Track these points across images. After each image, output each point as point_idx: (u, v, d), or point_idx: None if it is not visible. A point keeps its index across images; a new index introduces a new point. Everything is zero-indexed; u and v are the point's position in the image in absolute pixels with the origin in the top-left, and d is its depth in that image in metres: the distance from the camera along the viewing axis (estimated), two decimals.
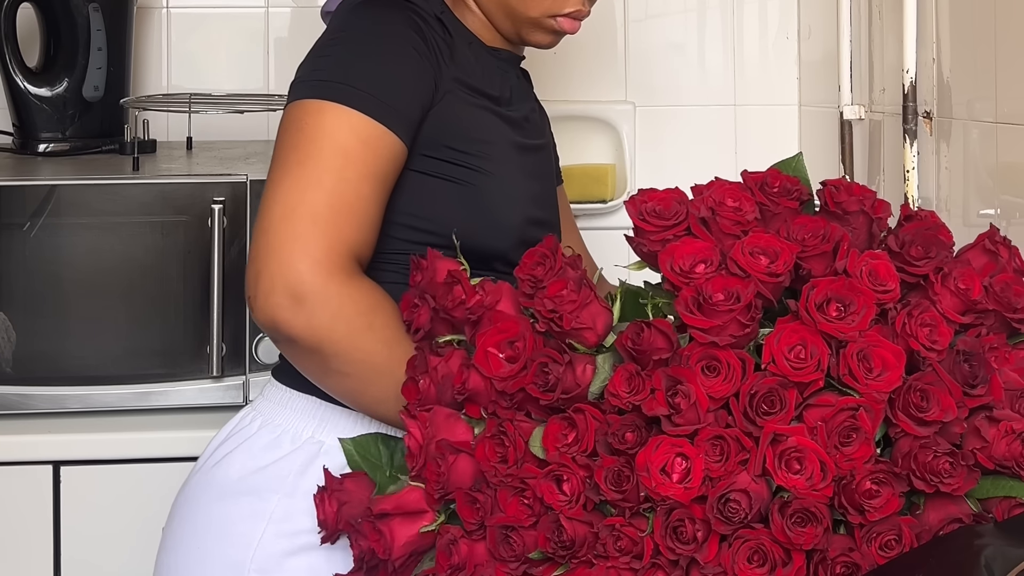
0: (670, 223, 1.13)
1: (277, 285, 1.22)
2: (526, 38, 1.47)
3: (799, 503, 1.00)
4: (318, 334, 1.22)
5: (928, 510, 1.04)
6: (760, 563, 1.01)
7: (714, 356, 1.05)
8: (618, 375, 1.07)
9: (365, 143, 1.27)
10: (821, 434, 1.03)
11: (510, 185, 1.39)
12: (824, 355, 1.04)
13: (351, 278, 1.24)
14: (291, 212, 1.23)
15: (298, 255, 1.22)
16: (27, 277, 1.84)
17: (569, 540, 1.05)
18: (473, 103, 1.38)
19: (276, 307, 1.22)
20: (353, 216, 1.25)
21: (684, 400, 1.04)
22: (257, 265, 1.23)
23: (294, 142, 1.27)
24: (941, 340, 1.07)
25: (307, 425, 1.34)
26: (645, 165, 2.36)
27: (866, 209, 1.14)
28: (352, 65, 1.31)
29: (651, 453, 1.03)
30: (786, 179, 1.16)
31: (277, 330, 1.24)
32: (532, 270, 1.16)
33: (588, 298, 1.13)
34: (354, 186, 1.26)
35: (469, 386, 1.15)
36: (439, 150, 1.34)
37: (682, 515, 1.02)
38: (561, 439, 1.09)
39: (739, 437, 1.03)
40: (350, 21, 1.36)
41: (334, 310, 1.22)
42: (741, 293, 1.06)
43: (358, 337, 1.23)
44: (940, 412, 1.04)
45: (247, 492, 1.32)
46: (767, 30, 2.43)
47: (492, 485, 1.11)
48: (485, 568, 1.10)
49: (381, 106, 1.29)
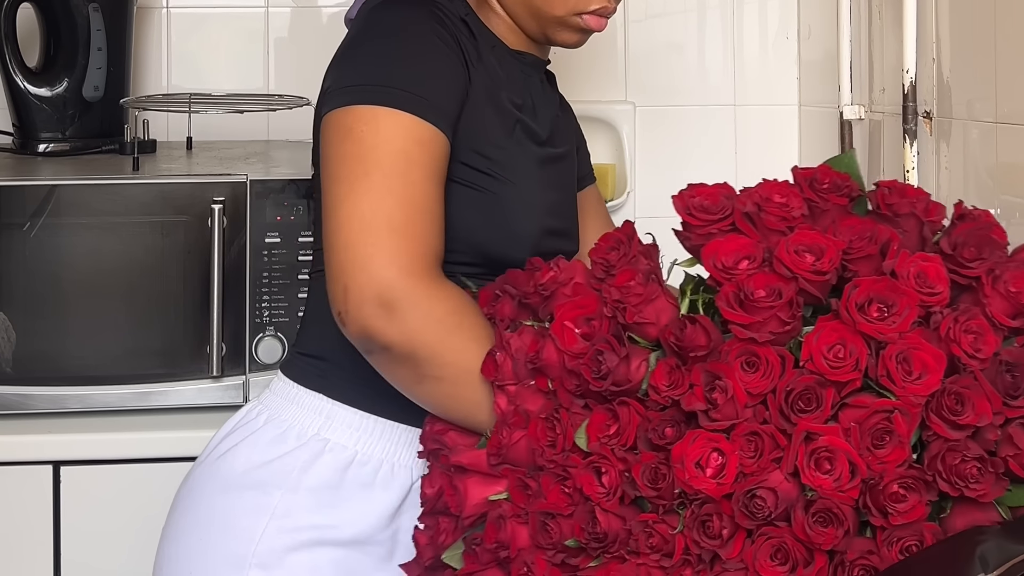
0: (715, 218, 1.12)
1: (367, 296, 1.21)
2: (553, 38, 1.45)
3: (823, 503, 1.00)
4: (412, 338, 1.21)
5: (954, 515, 1.04)
6: (782, 561, 1.01)
7: (753, 352, 1.04)
8: (659, 369, 1.07)
9: (422, 145, 1.26)
10: (855, 435, 1.02)
11: (528, 195, 1.38)
12: (863, 355, 1.04)
13: (436, 281, 1.24)
14: (368, 223, 1.22)
15: (384, 264, 1.21)
16: (27, 277, 1.84)
17: (602, 532, 1.06)
18: (497, 109, 1.37)
19: (369, 317, 1.21)
20: (427, 219, 1.25)
21: (721, 395, 1.04)
22: (344, 280, 1.22)
23: (352, 152, 1.26)
24: (985, 349, 1.06)
25: (313, 421, 1.34)
26: (645, 165, 2.36)
27: (917, 212, 1.12)
28: (389, 66, 1.29)
29: (687, 446, 1.03)
30: (836, 175, 1.15)
31: (372, 340, 1.22)
32: (607, 254, 1.16)
33: (655, 293, 1.12)
34: (422, 189, 1.25)
35: (543, 356, 1.15)
36: (465, 154, 1.33)
37: (711, 510, 1.03)
38: (604, 430, 1.09)
39: (774, 434, 1.03)
40: (375, 20, 1.35)
41: (424, 313, 1.21)
42: (783, 290, 1.05)
43: (449, 338, 1.22)
44: (975, 416, 1.02)
45: (251, 486, 1.32)
46: (767, 30, 2.43)
47: (540, 467, 1.12)
48: (527, 554, 1.11)
49: (428, 106, 1.28)
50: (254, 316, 1.86)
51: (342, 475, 1.31)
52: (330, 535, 1.30)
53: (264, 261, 1.84)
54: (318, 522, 1.30)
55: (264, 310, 1.86)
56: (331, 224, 1.25)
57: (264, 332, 1.85)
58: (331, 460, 1.31)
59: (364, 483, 1.31)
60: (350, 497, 1.31)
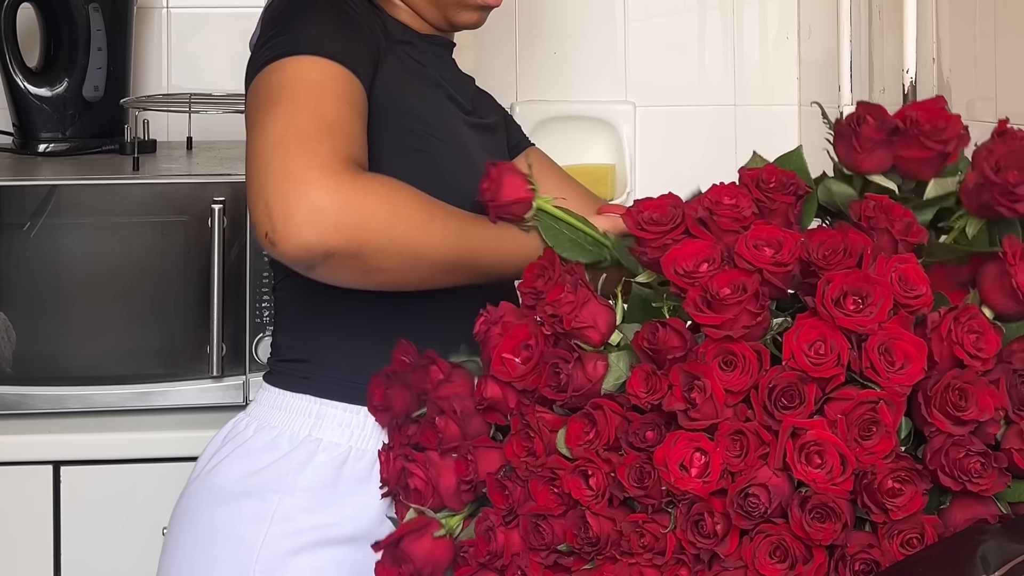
0: (668, 227, 1.14)
1: (293, 206, 1.16)
2: (453, 20, 1.46)
3: (818, 498, 1.01)
4: (353, 236, 1.17)
5: (955, 509, 1.04)
6: (781, 559, 1.01)
7: (730, 350, 1.05)
8: (635, 376, 1.08)
9: (335, 78, 1.26)
10: (841, 427, 1.02)
11: (463, 153, 1.39)
12: (844, 350, 1.04)
13: (360, 174, 1.20)
14: (280, 140, 1.20)
15: (302, 169, 1.17)
16: (27, 277, 1.85)
17: (595, 537, 1.07)
18: (418, 77, 1.39)
19: (300, 227, 1.16)
20: (340, 132, 1.22)
21: (700, 395, 1.04)
22: (265, 196, 1.18)
23: (264, 95, 1.25)
24: (987, 348, 1.06)
25: (304, 424, 1.34)
26: (645, 165, 2.36)
27: (892, 231, 1.11)
28: (302, 24, 1.30)
29: (669, 449, 1.04)
30: (783, 174, 1.16)
31: (311, 250, 1.17)
32: (533, 283, 1.18)
33: (586, 297, 1.14)
34: (333, 108, 1.23)
35: (488, 395, 1.17)
36: (394, 120, 1.33)
37: (702, 509, 1.03)
38: (583, 436, 1.10)
39: (758, 431, 1.03)
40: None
41: (356, 206, 1.17)
42: (747, 284, 1.06)
43: (389, 226, 1.19)
44: (978, 412, 1.03)
45: (247, 494, 1.32)
46: (767, 30, 2.44)
47: (523, 477, 1.13)
48: (521, 558, 1.12)
49: (341, 50, 1.27)
50: (254, 316, 1.86)
51: (338, 472, 1.32)
52: (331, 533, 1.30)
53: (264, 261, 1.84)
54: (318, 522, 1.30)
55: (264, 310, 1.86)
56: (248, 152, 1.23)
57: (264, 332, 1.86)
58: (326, 459, 1.31)
59: (360, 478, 1.32)
60: (348, 493, 1.31)
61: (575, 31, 2.36)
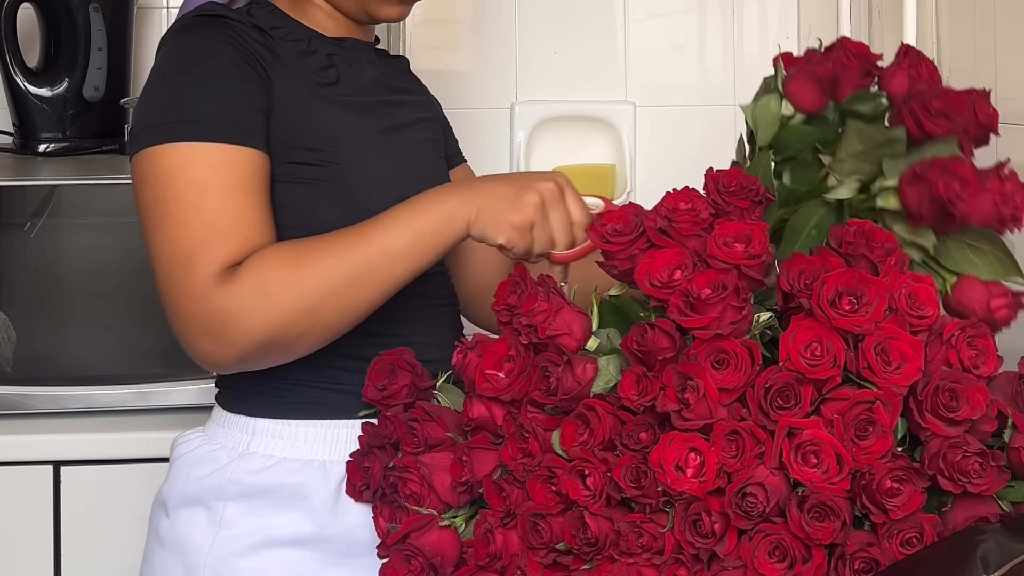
0: (631, 237, 1.14)
1: (192, 337, 1.26)
2: (375, 14, 1.45)
3: (816, 497, 1.01)
4: (249, 341, 1.24)
5: (955, 509, 1.04)
6: (781, 558, 1.01)
7: (721, 349, 1.05)
8: (626, 379, 1.09)
9: (222, 167, 1.28)
10: (838, 427, 1.03)
11: (372, 171, 1.39)
12: (840, 351, 1.04)
13: (228, 281, 1.24)
14: (168, 263, 1.27)
15: (186, 301, 1.25)
16: (27, 277, 1.85)
17: (594, 537, 1.07)
18: (312, 98, 1.38)
19: (208, 353, 1.26)
20: (223, 235, 1.26)
21: (693, 395, 1.04)
22: (175, 325, 1.27)
23: (152, 196, 1.29)
24: (984, 368, 1.07)
25: (240, 439, 1.37)
26: (645, 165, 2.36)
27: (871, 257, 1.11)
28: (177, 99, 1.32)
29: (664, 450, 1.04)
30: (745, 178, 1.17)
31: (226, 366, 1.28)
32: (507, 299, 1.18)
33: (559, 305, 1.15)
34: (218, 208, 1.27)
35: (474, 416, 1.18)
36: (294, 153, 1.34)
37: (699, 508, 1.03)
38: (577, 438, 1.11)
39: (753, 431, 1.03)
40: (164, 56, 1.37)
41: (237, 318, 1.23)
42: (725, 281, 1.07)
43: (271, 313, 1.24)
44: (970, 410, 1.03)
45: (193, 502, 1.36)
46: (767, 30, 2.44)
47: (520, 479, 1.13)
48: (520, 558, 1.12)
49: (218, 128, 1.29)
50: None
51: (276, 480, 1.35)
52: (275, 535, 1.34)
53: None
54: (261, 525, 1.34)
55: None
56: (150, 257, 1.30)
57: None
58: (260, 468, 1.35)
59: (296, 483, 1.34)
60: (285, 499, 1.34)
61: (575, 31, 2.36)
